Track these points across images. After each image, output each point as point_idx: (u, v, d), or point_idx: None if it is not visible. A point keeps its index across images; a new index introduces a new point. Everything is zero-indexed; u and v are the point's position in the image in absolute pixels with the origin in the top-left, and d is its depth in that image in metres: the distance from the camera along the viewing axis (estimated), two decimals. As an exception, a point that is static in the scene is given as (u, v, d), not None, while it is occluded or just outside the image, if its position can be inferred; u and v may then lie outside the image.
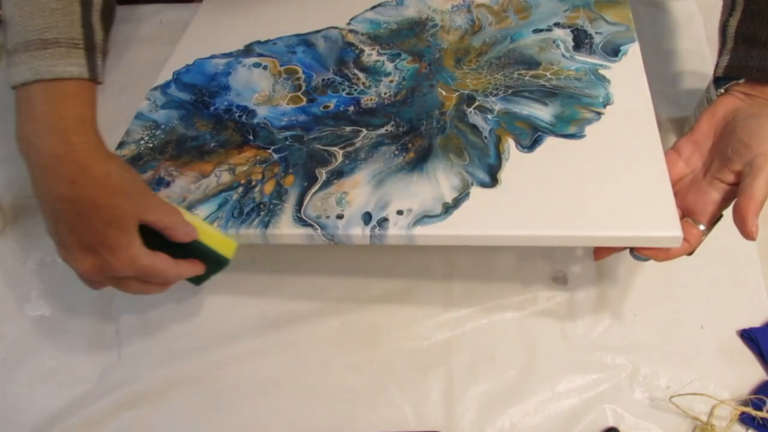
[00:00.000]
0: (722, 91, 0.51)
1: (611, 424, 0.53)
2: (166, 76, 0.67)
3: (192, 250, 0.49)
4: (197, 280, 0.51)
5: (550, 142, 0.51)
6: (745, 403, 0.52)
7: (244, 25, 0.71)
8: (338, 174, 0.53)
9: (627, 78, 0.55)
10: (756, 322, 0.56)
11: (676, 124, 0.67)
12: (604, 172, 0.49)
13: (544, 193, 0.48)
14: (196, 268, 0.50)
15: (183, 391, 0.56)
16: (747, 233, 0.44)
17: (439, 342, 0.57)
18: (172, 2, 0.81)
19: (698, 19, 0.74)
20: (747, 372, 0.54)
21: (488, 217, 0.47)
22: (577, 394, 0.54)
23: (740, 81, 0.50)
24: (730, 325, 0.56)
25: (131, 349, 0.59)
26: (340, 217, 0.50)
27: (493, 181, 0.49)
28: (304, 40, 0.67)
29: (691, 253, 0.48)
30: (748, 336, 0.55)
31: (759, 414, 0.51)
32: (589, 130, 0.52)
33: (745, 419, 0.51)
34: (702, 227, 0.47)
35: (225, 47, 0.68)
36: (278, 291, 0.60)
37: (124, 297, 0.61)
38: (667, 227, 0.45)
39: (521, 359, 0.56)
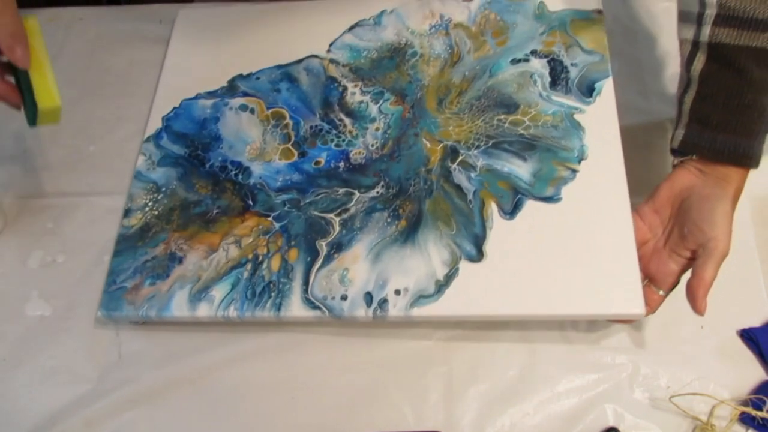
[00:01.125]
0: (679, 160, 0.54)
1: (611, 423, 0.53)
2: (155, 122, 0.67)
3: (21, 80, 0.50)
4: (30, 120, 0.53)
5: (530, 207, 0.56)
6: (745, 403, 0.52)
7: (223, 52, 0.71)
8: (338, 247, 0.57)
9: (600, 124, 0.59)
10: (756, 322, 0.56)
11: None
12: (579, 245, 0.53)
13: (524, 270, 0.53)
14: (12, 95, 0.51)
15: (183, 391, 0.56)
16: (697, 310, 0.50)
17: (439, 342, 0.57)
18: (171, 2, 0.81)
19: (698, 19, 0.74)
20: (747, 372, 0.54)
21: (476, 296, 0.53)
22: (577, 394, 0.54)
23: (693, 157, 0.52)
24: (730, 325, 0.56)
25: (131, 349, 0.59)
26: (344, 298, 0.54)
27: (479, 254, 0.54)
28: (287, 74, 0.68)
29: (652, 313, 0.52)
30: (748, 336, 0.55)
31: (759, 414, 0.51)
32: (565, 191, 0.56)
33: (745, 419, 0.51)
34: (662, 293, 0.52)
35: (208, 83, 0.69)
36: (278, 291, 0.60)
37: (124, 297, 0.61)
38: (633, 306, 0.51)
39: (521, 359, 0.56)
